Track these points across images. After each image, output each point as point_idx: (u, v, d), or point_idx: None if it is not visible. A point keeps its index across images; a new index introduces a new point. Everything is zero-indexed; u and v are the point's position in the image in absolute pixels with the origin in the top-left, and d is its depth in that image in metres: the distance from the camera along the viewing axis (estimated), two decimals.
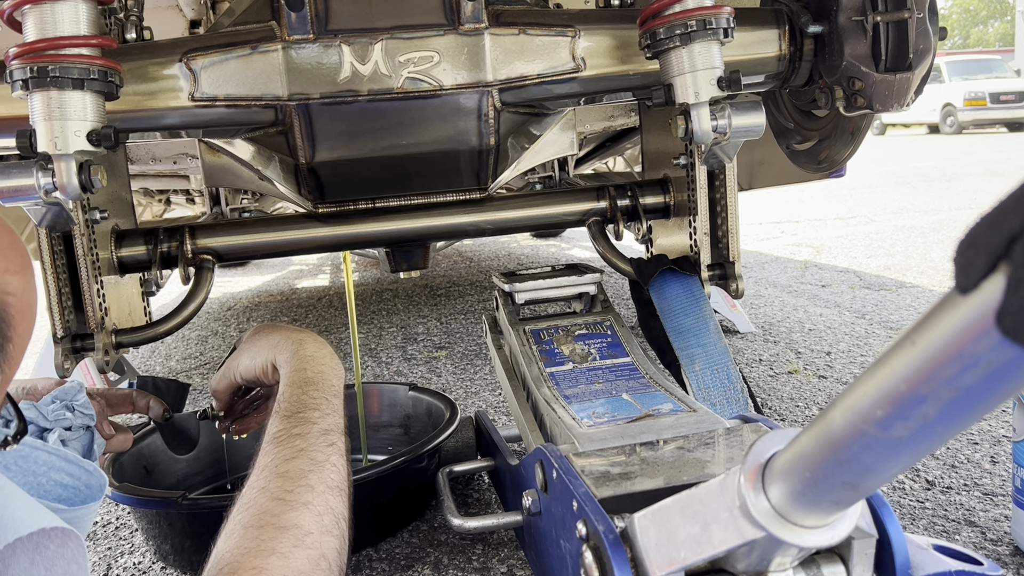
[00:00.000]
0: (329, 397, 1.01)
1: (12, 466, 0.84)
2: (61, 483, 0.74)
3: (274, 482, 0.86)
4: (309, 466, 0.89)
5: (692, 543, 0.74)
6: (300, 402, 0.98)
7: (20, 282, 0.59)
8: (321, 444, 0.93)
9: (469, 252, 5.54)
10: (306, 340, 1.09)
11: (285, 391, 1.01)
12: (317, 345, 1.09)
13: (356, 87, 1.36)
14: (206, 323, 3.92)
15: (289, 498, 0.84)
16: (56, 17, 1.16)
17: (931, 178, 8.44)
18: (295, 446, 0.91)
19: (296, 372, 1.03)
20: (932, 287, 3.42)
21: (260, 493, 0.85)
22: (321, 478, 0.89)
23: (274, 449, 0.91)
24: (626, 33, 1.43)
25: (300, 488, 0.86)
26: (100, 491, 0.90)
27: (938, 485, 1.56)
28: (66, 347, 1.40)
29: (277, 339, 1.11)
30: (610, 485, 0.96)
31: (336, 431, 0.96)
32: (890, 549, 0.83)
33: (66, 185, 1.16)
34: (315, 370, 1.04)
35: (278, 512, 0.82)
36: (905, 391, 0.49)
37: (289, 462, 0.89)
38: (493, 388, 2.44)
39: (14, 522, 0.62)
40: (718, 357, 1.42)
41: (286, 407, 0.97)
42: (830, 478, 0.60)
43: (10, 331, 0.58)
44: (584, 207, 1.70)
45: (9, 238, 0.59)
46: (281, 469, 0.88)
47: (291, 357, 1.06)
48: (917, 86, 1.43)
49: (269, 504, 0.83)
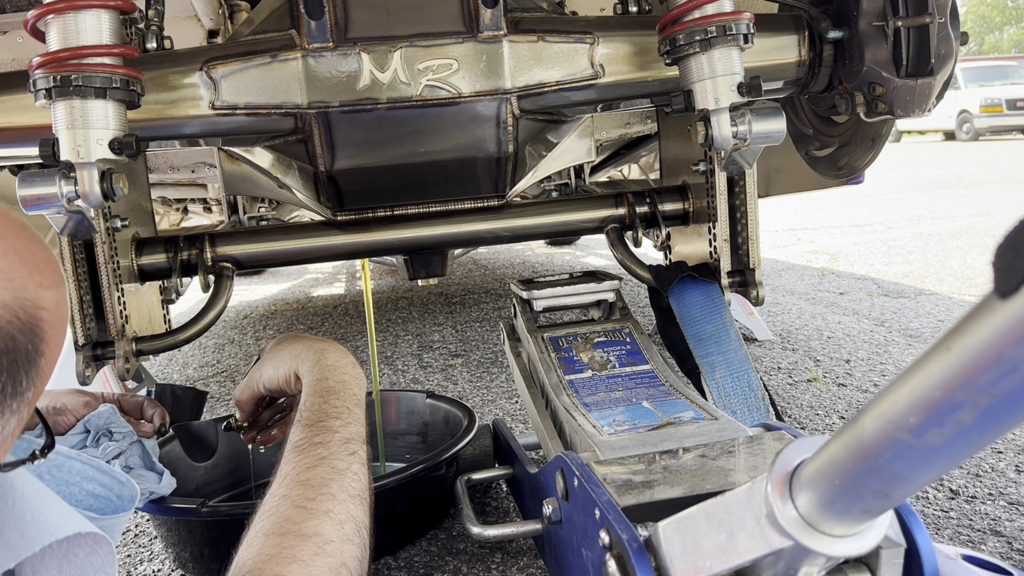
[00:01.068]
0: (351, 406, 1.01)
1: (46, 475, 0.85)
2: (93, 493, 0.74)
3: (295, 490, 0.86)
4: (330, 474, 0.89)
5: (718, 552, 0.74)
6: (322, 411, 0.98)
7: (54, 297, 0.59)
8: (342, 453, 0.93)
9: (484, 260, 5.54)
10: (328, 350, 1.09)
11: (307, 400, 1.01)
12: (339, 355, 1.09)
13: (375, 95, 1.36)
14: (223, 331, 3.94)
15: (310, 506, 0.84)
16: (79, 27, 1.16)
17: (948, 185, 8.39)
18: (317, 455, 0.91)
19: (318, 381, 1.03)
20: (952, 294, 3.39)
21: (281, 501, 0.85)
22: (342, 486, 0.88)
23: (296, 457, 0.91)
24: (645, 39, 1.43)
25: (321, 496, 0.86)
26: (131, 502, 0.91)
27: (963, 494, 1.54)
28: (87, 355, 1.40)
29: (299, 349, 1.11)
30: (633, 493, 0.96)
31: (357, 440, 0.96)
32: (918, 559, 0.82)
33: (88, 193, 1.17)
34: (337, 379, 1.04)
35: (299, 520, 0.82)
36: (940, 397, 0.48)
37: (311, 470, 0.89)
38: (509, 396, 2.43)
39: (49, 526, 0.62)
40: (739, 364, 1.41)
41: (308, 416, 0.97)
42: (860, 486, 0.59)
43: (43, 345, 0.58)
44: (602, 214, 1.69)
45: (44, 254, 0.60)
46: (303, 477, 0.88)
47: (313, 367, 1.06)
48: (939, 91, 1.42)
49: (290, 512, 0.83)
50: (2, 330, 0.54)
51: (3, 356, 0.54)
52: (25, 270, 0.57)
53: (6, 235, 0.56)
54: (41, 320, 0.57)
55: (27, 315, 0.56)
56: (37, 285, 0.57)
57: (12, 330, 0.55)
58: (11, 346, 0.55)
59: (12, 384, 0.56)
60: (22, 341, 0.56)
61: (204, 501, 1.42)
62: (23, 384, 0.57)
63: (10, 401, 0.56)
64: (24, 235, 0.58)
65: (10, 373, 0.55)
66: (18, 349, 0.56)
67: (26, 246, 0.58)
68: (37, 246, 0.59)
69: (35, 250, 0.59)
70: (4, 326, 0.54)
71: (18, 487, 0.65)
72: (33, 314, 0.57)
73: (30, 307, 0.57)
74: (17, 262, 0.56)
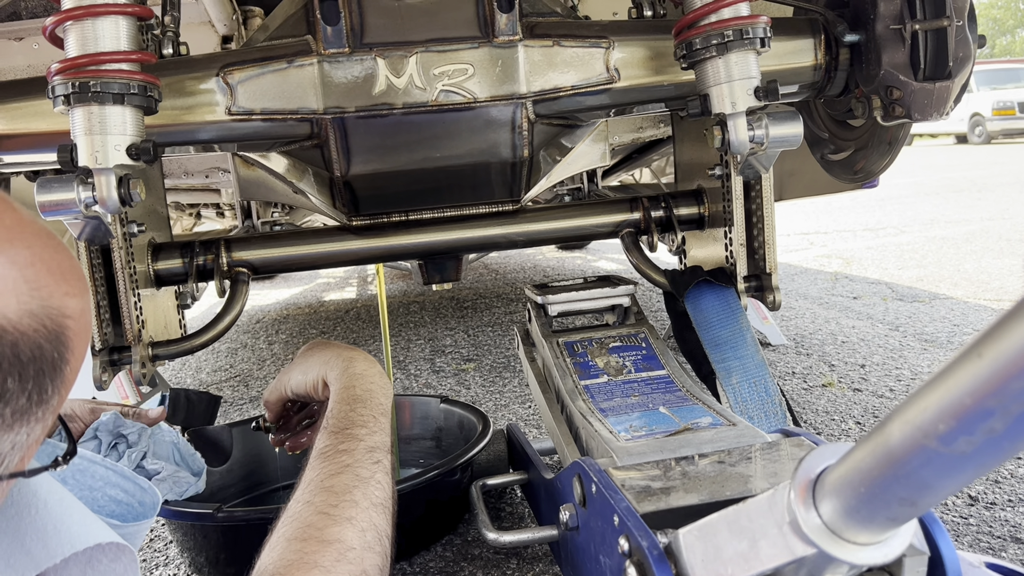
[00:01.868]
0: (376, 415, 1.01)
1: (70, 480, 0.85)
2: (116, 499, 0.75)
3: (319, 496, 0.86)
4: (354, 482, 0.89)
5: (740, 560, 0.73)
6: (348, 419, 0.98)
7: (79, 305, 0.59)
8: (367, 461, 0.93)
9: (495, 265, 5.54)
10: (356, 358, 1.10)
11: (334, 408, 1.01)
12: (367, 364, 1.10)
13: (391, 100, 1.36)
14: (236, 336, 3.95)
15: (333, 512, 0.84)
16: (97, 33, 1.17)
17: (961, 188, 8.34)
18: (341, 462, 0.91)
19: (345, 389, 1.04)
20: (967, 299, 3.37)
21: (305, 507, 0.86)
22: (365, 494, 0.89)
23: (320, 464, 0.91)
24: (660, 44, 1.43)
25: (344, 503, 0.86)
26: (153, 509, 0.91)
27: (982, 501, 1.53)
28: (104, 360, 1.41)
29: (328, 356, 1.12)
30: (652, 500, 0.95)
31: (382, 449, 0.97)
32: (942, 567, 0.81)
33: (106, 199, 1.17)
34: (364, 388, 1.05)
35: (322, 526, 0.82)
36: (970, 404, 0.48)
37: (334, 477, 0.89)
38: (523, 401, 2.43)
39: (71, 536, 0.62)
40: (755, 370, 1.40)
41: (334, 423, 0.98)
42: (886, 494, 0.58)
43: (68, 353, 0.58)
44: (617, 218, 1.69)
45: (69, 262, 0.60)
46: (326, 484, 0.88)
47: (341, 374, 1.07)
48: (957, 95, 1.41)
49: (313, 518, 0.83)
50: (29, 339, 0.54)
51: (30, 364, 0.55)
52: (51, 279, 0.57)
53: (32, 244, 0.56)
54: (67, 328, 0.58)
55: (53, 323, 0.56)
56: (63, 294, 0.57)
57: (39, 339, 0.55)
58: (38, 354, 0.55)
59: (38, 392, 0.56)
60: (48, 349, 0.56)
61: (220, 506, 1.43)
62: (48, 392, 0.57)
63: (36, 409, 0.56)
64: (50, 244, 0.58)
65: (36, 381, 0.55)
66: (44, 357, 0.56)
67: (52, 255, 0.58)
68: (63, 255, 0.59)
69: (61, 259, 0.59)
70: (31, 335, 0.54)
71: (41, 495, 0.65)
72: (59, 322, 0.57)
73: (56, 315, 0.57)
74: (44, 271, 0.56)
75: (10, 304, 0.53)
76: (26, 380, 0.54)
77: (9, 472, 0.57)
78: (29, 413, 0.55)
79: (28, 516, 0.63)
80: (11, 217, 0.55)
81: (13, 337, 0.52)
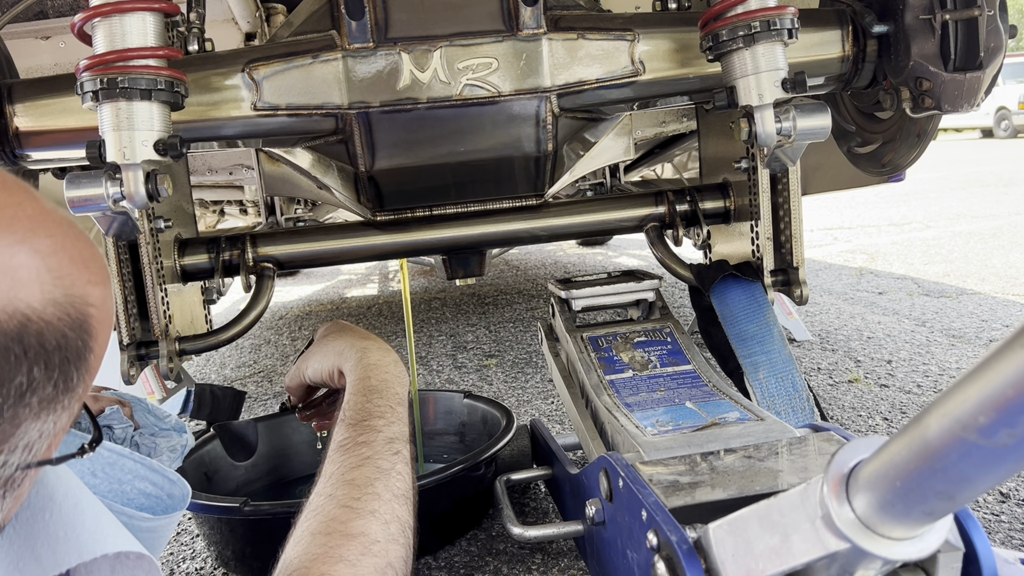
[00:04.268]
0: (394, 405, 1.00)
1: (99, 472, 0.85)
2: (145, 492, 0.75)
3: (341, 489, 0.86)
4: (375, 474, 0.89)
5: (771, 554, 0.72)
6: (365, 410, 0.98)
7: (101, 293, 0.59)
8: (387, 452, 0.93)
9: (516, 261, 5.54)
10: (370, 348, 1.09)
11: (350, 399, 1.01)
12: (381, 352, 1.09)
13: (416, 95, 1.36)
14: (259, 332, 3.97)
15: (356, 506, 0.84)
16: (124, 29, 1.18)
17: (987, 183, 8.23)
18: (361, 454, 0.91)
19: (361, 380, 1.03)
20: (995, 294, 3.33)
21: (327, 500, 0.85)
22: (387, 486, 0.88)
23: (340, 457, 0.91)
24: (685, 36, 1.42)
25: (367, 496, 0.86)
26: (183, 501, 0.91)
27: (1013, 498, 1.51)
28: (132, 354, 1.42)
29: (343, 346, 1.11)
30: (680, 495, 0.95)
31: (401, 439, 0.96)
32: (977, 563, 0.80)
33: (134, 194, 1.18)
34: (379, 378, 1.04)
35: (345, 520, 0.82)
36: (1012, 396, 0.47)
37: (355, 470, 0.89)
38: (546, 396, 2.43)
39: (79, 545, 0.62)
40: (783, 365, 1.39)
41: (351, 415, 0.97)
42: (923, 488, 0.58)
43: (91, 341, 0.58)
44: (642, 212, 1.68)
45: (91, 251, 0.60)
46: (348, 477, 0.88)
47: (356, 365, 1.06)
48: (987, 86, 1.39)
49: (336, 511, 0.83)
50: (54, 328, 0.54)
51: (55, 353, 0.55)
52: (74, 267, 0.57)
53: (54, 232, 0.56)
54: (90, 316, 0.58)
55: (77, 312, 0.57)
56: (86, 282, 0.57)
57: (63, 327, 0.55)
58: (63, 343, 0.55)
59: (64, 380, 0.56)
60: (72, 338, 0.56)
61: (247, 500, 1.43)
62: (74, 380, 0.57)
63: (62, 397, 0.56)
64: (72, 232, 0.58)
65: (62, 370, 0.55)
66: (69, 346, 0.56)
67: (74, 243, 0.58)
68: (84, 243, 0.59)
69: (83, 247, 0.59)
70: (56, 323, 0.55)
71: (57, 499, 0.65)
72: (82, 311, 0.57)
73: (79, 304, 0.57)
74: (66, 260, 0.56)
75: (34, 293, 0.53)
76: (52, 369, 0.54)
77: (37, 460, 0.57)
78: (56, 401, 0.56)
79: (42, 521, 0.64)
80: (33, 207, 0.55)
81: (38, 326, 0.53)
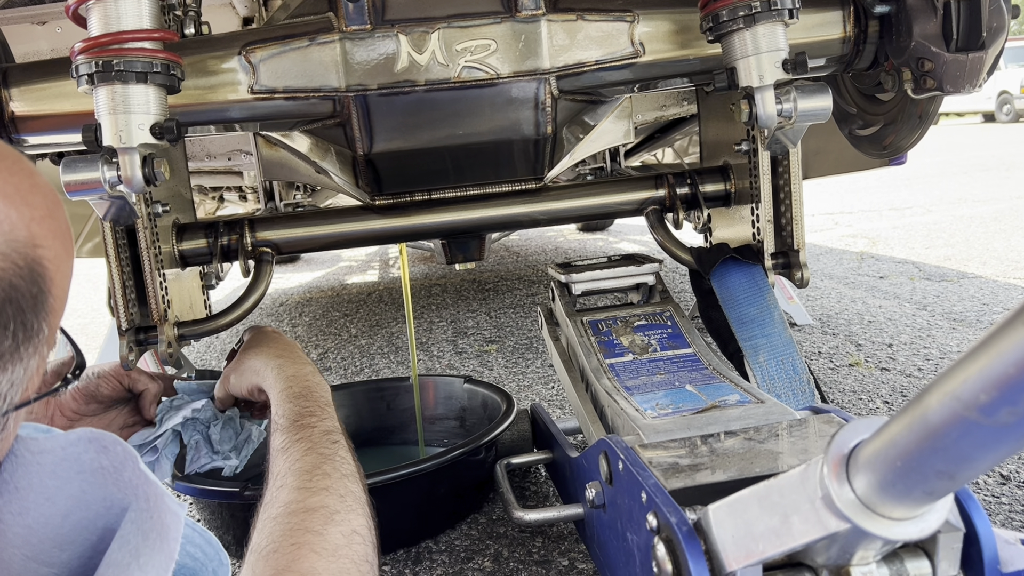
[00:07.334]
0: (322, 405, 1.03)
1: None
2: (193, 555, 0.74)
3: (290, 479, 0.88)
4: (319, 460, 0.91)
5: (771, 535, 0.72)
6: (295, 413, 1.00)
7: (49, 227, 0.55)
8: (325, 442, 0.95)
9: (516, 247, 5.53)
10: (285, 363, 1.11)
11: (278, 408, 1.03)
12: (298, 364, 1.11)
13: (413, 77, 1.35)
14: (258, 318, 3.97)
15: (309, 486, 0.86)
16: (119, 11, 1.17)
17: (989, 167, 8.21)
18: (301, 448, 0.93)
19: (284, 391, 1.05)
20: (997, 277, 3.32)
21: (280, 490, 0.87)
22: (334, 467, 0.90)
23: (282, 457, 0.93)
24: (685, 17, 1.40)
25: (317, 476, 0.88)
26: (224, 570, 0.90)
27: (1014, 480, 1.51)
28: (130, 339, 1.41)
29: (258, 365, 1.13)
30: (680, 477, 0.94)
31: (336, 431, 0.98)
32: (977, 544, 0.80)
33: (131, 178, 1.17)
34: (301, 386, 1.06)
35: (302, 499, 0.84)
36: (1014, 375, 0.47)
37: (300, 460, 0.91)
38: (546, 382, 2.43)
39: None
40: (783, 347, 1.39)
41: (283, 422, 0.99)
42: (924, 467, 0.57)
43: (46, 283, 0.55)
44: (642, 196, 1.67)
45: (29, 181, 0.55)
46: (295, 467, 0.90)
47: (276, 380, 1.08)
48: (989, 66, 1.38)
49: (291, 495, 0.85)
50: (1, 280, 0.52)
51: (7, 305, 0.52)
52: (12, 208, 0.53)
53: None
54: (40, 258, 0.54)
55: (23, 258, 0.53)
56: (28, 221, 0.53)
57: (10, 277, 0.52)
58: (13, 295, 0.52)
59: (23, 329, 0.54)
60: (23, 286, 0.53)
61: (247, 484, 1.43)
62: (34, 327, 0.55)
63: (25, 345, 0.54)
64: (3, 166, 0.54)
65: (18, 319, 0.53)
66: (21, 295, 0.53)
67: (7, 179, 0.53)
68: (21, 175, 0.54)
69: (18, 180, 0.54)
70: (1, 275, 0.52)
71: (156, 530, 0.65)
72: (30, 254, 0.54)
73: (24, 247, 0.53)
74: (1, 202, 0.52)
75: None
76: (5, 323, 0.52)
77: (14, 405, 0.56)
78: (18, 352, 0.54)
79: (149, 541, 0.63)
80: None
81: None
